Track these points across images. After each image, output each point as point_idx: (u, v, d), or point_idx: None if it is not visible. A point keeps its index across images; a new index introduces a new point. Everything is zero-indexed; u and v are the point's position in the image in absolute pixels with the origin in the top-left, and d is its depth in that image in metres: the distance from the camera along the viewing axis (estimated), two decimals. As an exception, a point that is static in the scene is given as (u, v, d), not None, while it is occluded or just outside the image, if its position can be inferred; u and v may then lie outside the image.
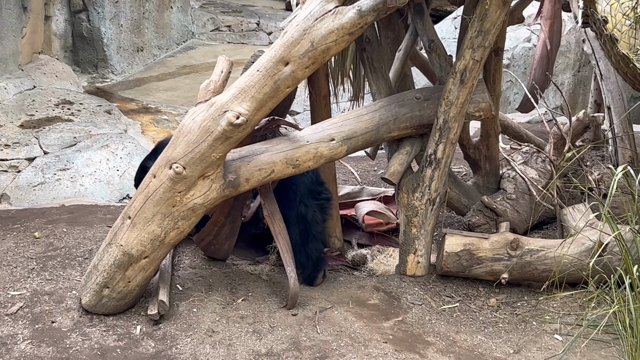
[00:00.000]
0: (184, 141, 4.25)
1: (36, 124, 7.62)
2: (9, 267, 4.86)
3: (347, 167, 7.05)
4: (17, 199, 6.66)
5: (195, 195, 4.30)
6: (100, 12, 10.11)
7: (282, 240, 4.77)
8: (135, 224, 4.33)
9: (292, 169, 4.55)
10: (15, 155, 7.03)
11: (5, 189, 6.71)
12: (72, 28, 10.16)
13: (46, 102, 8.19)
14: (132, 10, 10.66)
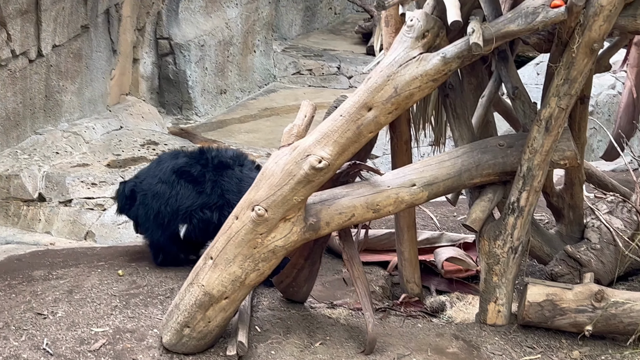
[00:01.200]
0: (266, 184, 4.31)
1: (122, 163, 7.82)
2: (93, 303, 4.97)
3: (426, 212, 7.00)
4: (101, 237, 6.82)
5: (276, 237, 4.34)
6: (186, 56, 10.36)
7: (360, 285, 4.76)
8: (217, 264, 4.39)
9: (373, 213, 4.56)
10: (102, 194, 7.21)
11: (91, 227, 6.88)
12: (159, 70, 10.44)
13: (132, 143, 8.41)
14: (217, 54, 10.90)
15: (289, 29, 13.62)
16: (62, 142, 7.92)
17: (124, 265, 5.59)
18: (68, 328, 4.66)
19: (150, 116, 9.62)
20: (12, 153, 7.44)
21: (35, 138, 7.83)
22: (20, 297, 5.02)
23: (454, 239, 6.13)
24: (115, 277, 5.37)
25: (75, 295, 5.06)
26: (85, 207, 7.03)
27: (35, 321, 4.72)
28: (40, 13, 7.65)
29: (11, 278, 5.34)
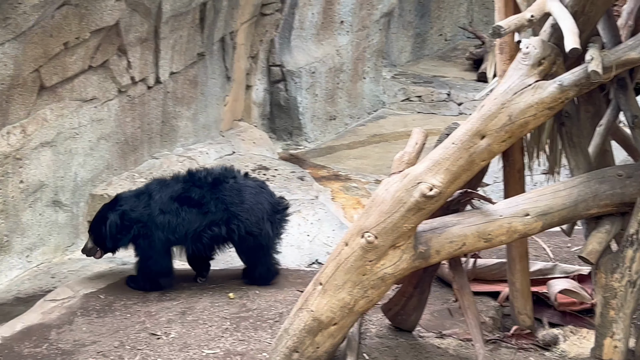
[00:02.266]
0: (376, 211, 4.31)
1: (233, 188, 7.95)
2: (204, 325, 5.06)
3: (539, 242, 6.84)
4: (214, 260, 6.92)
5: (385, 264, 4.33)
6: (297, 82, 10.49)
7: (471, 315, 4.69)
8: (326, 290, 4.40)
9: (484, 242, 4.48)
10: (213, 218, 7.34)
11: (204, 250, 6.99)
12: (271, 97, 10.60)
13: (244, 167, 8.52)
14: (327, 81, 10.99)
15: (399, 55, 13.62)
16: (177, 166, 8.12)
17: (235, 289, 5.68)
18: (180, 349, 4.76)
19: (262, 141, 9.77)
20: (129, 176, 7.68)
21: (152, 162, 8.06)
22: (135, 317, 5.17)
23: (568, 271, 5.97)
24: (226, 300, 5.47)
25: (187, 317, 5.17)
26: (198, 231, 7.17)
27: (149, 341, 4.84)
28: (159, 41, 7.90)
29: (127, 298, 5.50)
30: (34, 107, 6.60)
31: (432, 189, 4.18)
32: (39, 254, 6.76)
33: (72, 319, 5.19)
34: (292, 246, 7.14)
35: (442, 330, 5.20)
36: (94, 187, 7.43)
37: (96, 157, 7.42)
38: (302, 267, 6.72)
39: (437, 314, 5.47)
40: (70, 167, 7.07)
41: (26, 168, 6.54)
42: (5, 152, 6.31)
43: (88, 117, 7.23)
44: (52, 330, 5.04)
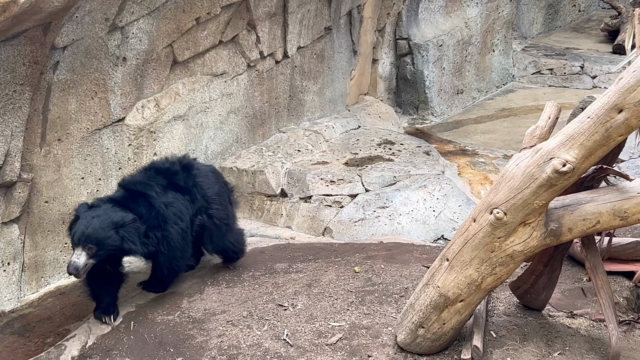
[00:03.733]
0: (506, 186, 4.21)
1: (359, 162, 7.96)
2: (330, 298, 5.10)
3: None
4: (338, 233, 6.98)
5: (514, 242, 4.23)
6: (424, 56, 10.37)
7: (604, 295, 4.53)
8: (453, 266, 4.35)
9: (620, 220, 4.31)
10: (340, 192, 7.38)
11: (329, 223, 7.06)
12: (397, 71, 10.53)
13: (369, 142, 8.54)
14: (455, 54, 10.83)
15: (530, 27, 13.26)
16: (304, 140, 8.19)
17: (360, 262, 5.69)
18: (307, 321, 4.82)
19: (387, 116, 9.72)
20: (257, 150, 7.80)
21: (279, 136, 8.16)
22: (263, 289, 5.26)
23: None
24: (351, 274, 5.49)
25: (313, 289, 5.22)
26: (324, 204, 7.22)
27: (276, 312, 4.92)
28: (287, 15, 7.96)
29: (255, 269, 5.60)
30: (167, 81, 6.79)
31: (565, 165, 4.05)
32: (171, 225, 6.97)
33: (203, 289, 5.33)
34: (418, 221, 7.10)
35: (573, 310, 5.06)
36: (224, 160, 7.60)
37: (226, 131, 7.57)
38: (428, 243, 6.67)
39: (568, 293, 5.32)
40: (201, 140, 7.24)
41: (159, 141, 6.74)
42: (140, 125, 6.52)
43: (218, 92, 7.38)
44: (184, 299, 5.19)
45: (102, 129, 6.23)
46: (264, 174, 7.47)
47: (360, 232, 6.97)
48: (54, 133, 5.85)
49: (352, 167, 7.84)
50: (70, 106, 5.92)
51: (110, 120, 6.28)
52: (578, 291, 5.27)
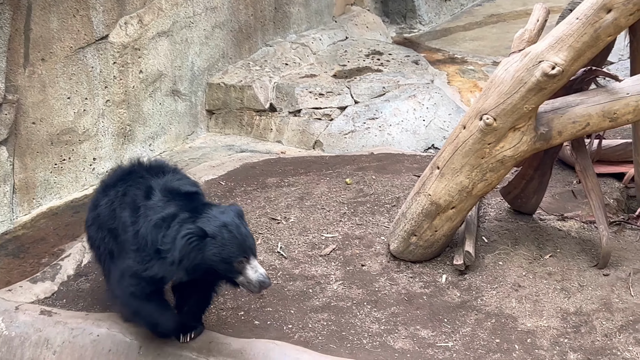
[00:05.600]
0: (495, 92, 4.19)
1: (348, 74, 7.89)
2: (322, 210, 5.13)
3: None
4: (329, 146, 6.96)
5: (504, 147, 4.24)
6: (410, -38, 10.19)
7: (594, 197, 4.57)
8: (444, 174, 4.36)
9: (609, 122, 4.31)
10: (329, 104, 7.34)
11: (319, 136, 7.04)
12: (385, -21, 10.35)
13: (357, 53, 8.44)
14: (443, -41, 10.63)
15: None
16: (291, 53, 8.09)
17: (351, 174, 5.70)
18: (300, 233, 4.85)
19: (375, 26, 9.58)
20: (244, 65, 7.71)
21: (266, 50, 8.06)
22: (256, 203, 5.28)
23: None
24: (342, 186, 5.50)
25: (306, 202, 5.24)
26: (313, 117, 7.18)
27: (270, 226, 4.95)
28: None
29: (247, 184, 5.61)
30: (149, -4, 6.67)
31: (554, 67, 4.02)
32: (161, 142, 6.95)
33: (195, 205, 5.33)
34: (408, 131, 7.08)
35: (564, 213, 5.10)
36: (211, 76, 7.51)
37: (211, 46, 7.47)
38: (418, 152, 6.67)
39: (559, 196, 5.36)
40: (187, 56, 7.15)
41: (145, 58, 6.65)
42: (124, 43, 6.43)
43: (202, 6, 7.25)
44: (177, 216, 5.20)
45: (85, 48, 6.14)
46: (252, 89, 7.41)
47: (350, 144, 6.96)
48: (37, 53, 5.77)
49: (341, 79, 7.77)
50: (52, 25, 5.82)
51: (94, 38, 6.18)
52: (568, 194, 5.30)
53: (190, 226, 3.61)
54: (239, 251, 3.62)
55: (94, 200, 4.19)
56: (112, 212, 3.96)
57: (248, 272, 3.63)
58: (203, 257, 3.59)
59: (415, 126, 7.15)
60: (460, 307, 4.15)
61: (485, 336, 3.96)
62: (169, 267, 3.62)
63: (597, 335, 3.92)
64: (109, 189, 4.06)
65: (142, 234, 3.72)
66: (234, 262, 3.62)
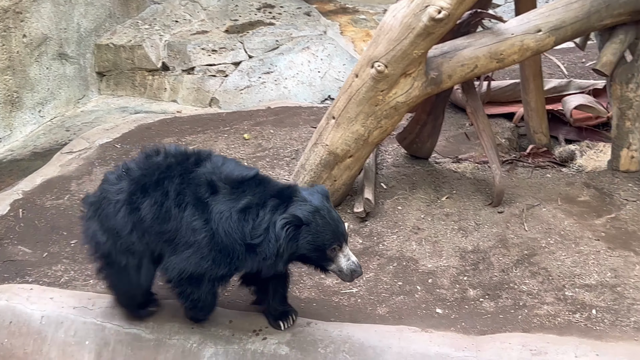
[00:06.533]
0: (385, 39, 4.21)
1: (240, 28, 7.82)
2: (221, 167, 5.09)
3: (553, 60, 6.75)
4: (225, 102, 6.92)
5: (397, 93, 4.28)
6: None
7: (486, 138, 4.68)
8: (340, 123, 4.39)
9: (497, 63, 4.41)
10: (222, 60, 7.27)
11: (215, 93, 6.98)
12: None
13: (248, 7, 8.37)
14: None
15: None
16: (180, 10, 7.96)
17: (249, 129, 5.68)
18: (200, 191, 4.81)
19: (265, -21, 9.52)
20: (133, 24, 7.55)
21: (154, 8, 7.90)
22: (153, 164, 5.19)
23: (583, 86, 5.91)
24: (241, 141, 5.47)
25: (204, 160, 5.19)
26: (208, 74, 7.11)
27: (169, 186, 4.88)
28: None
29: (143, 146, 5.51)
30: (26, -44, 6.44)
31: (440, 11, 4.06)
32: (51, 108, 6.76)
33: (91, 170, 5.23)
34: (304, 84, 7.09)
35: (459, 155, 5.21)
36: (98, 37, 7.33)
37: (97, 6, 7.27)
38: (315, 104, 6.69)
39: (453, 139, 5.47)
40: (72, 17, 6.94)
41: (27, 22, 6.43)
42: (4, 7, 6.19)
43: (84, -36, 7.06)
44: (72, 182, 5.09)
45: (-37, 14, 5.91)
46: (143, 49, 7.27)
47: (247, 100, 6.93)
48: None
49: (233, 34, 7.70)
50: None
51: (-29, 2, 5.95)
52: (462, 136, 5.42)
53: (284, 215, 3.31)
54: (332, 238, 3.37)
55: (122, 201, 3.53)
56: (165, 213, 3.46)
57: (340, 260, 3.40)
58: (297, 245, 3.34)
59: (310, 78, 7.16)
60: (362, 254, 4.21)
61: (389, 280, 4.03)
62: (265, 261, 3.34)
63: (494, 271, 4.05)
64: (150, 189, 3.50)
65: (223, 231, 3.36)
66: (327, 249, 3.38)
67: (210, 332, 3.54)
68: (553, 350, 3.30)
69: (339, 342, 3.41)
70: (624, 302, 3.67)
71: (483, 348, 3.39)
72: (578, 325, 3.52)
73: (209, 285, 3.46)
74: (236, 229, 3.35)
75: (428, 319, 3.70)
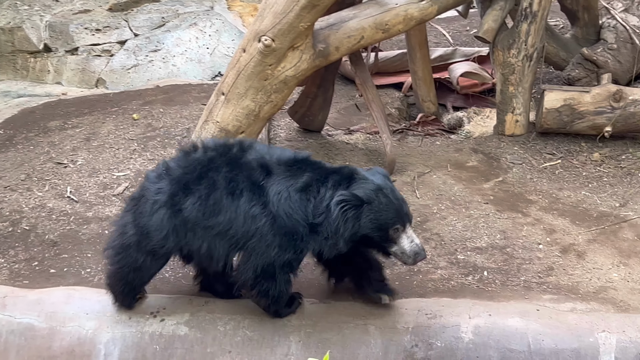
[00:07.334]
0: (270, 12, 4.19)
1: (124, 6, 7.63)
2: (111, 149, 4.99)
3: (438, 29, 6.86)
4: (112, 83, 6.77)
5: (286, 67, 4.27)
6: None
7: (376, 108, 4.72)
8: (230, 99, 4.35)
9: (382, 33, 4.45)
10: (107, 39, 7.09)
11: (101, 74, 6.82)
12: None
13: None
14: None
15: None
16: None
17: (138, 109, 5.58)
18: (90, 175, 4.70)
19: (148, -45, 9.31)
20: (11, 5, 7.27)
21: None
22: (39, 149, 5.04)
23: (468, 54, 6.04)
24: (130, 122, 5.37)
25: (93, 143, 5.08)
26: (93, 54, 6.93)
27: (57, 171, 4.76)
28: None
29: (27, 130, 5.35)
30: None
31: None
32: None
33: (-27, 159, 5.04)
34: (193, 61, 7.00)
35: (350, 127, 5.25)
36: (-25, 20, 7.05)
37: (-29, -11, 6.99)
38: (205, 81, 6.62)
39: (344, 111, 5.51)
40: (-56, 1, 6.65)
41: None
42: None
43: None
44: (-46, 172, 4.90)
45: None
46: (23, 30, 7.02)
47: (135, 79, 6.79)
48: None
49: (117, 12, 7.51)
50: None
51: None
52: (353, 108, 5.46)
53: (343, 192, 3.15)
54: (396, 217, 3.20)
55: (161, 203, 3.30)
56: (214, 205, 3.24)
57: (403, 241, 3.23)
58: (360, 225, 3.16)
59: (199, 55, 7.07)
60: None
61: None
62: (327, 241, 3.16)
63: (389, 239, 4.10)
64: (192, 185, 3.28)
65: (284, 213, 3.18)
66: (389, 229, 3.20)
67: (107, 317, 3.46)
68: (448, 313, 3.37)
69: (238, 318, 3.40)
70: (514, 262, 3.78)
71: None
72: (471, 287, 3.61)
73: (281, 274, 3.27)
74: (297, 209, 3.19)
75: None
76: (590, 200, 4.35)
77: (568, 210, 4.23)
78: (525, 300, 3.47)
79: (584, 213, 4.21)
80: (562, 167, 4.69)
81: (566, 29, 6.25)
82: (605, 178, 4.56)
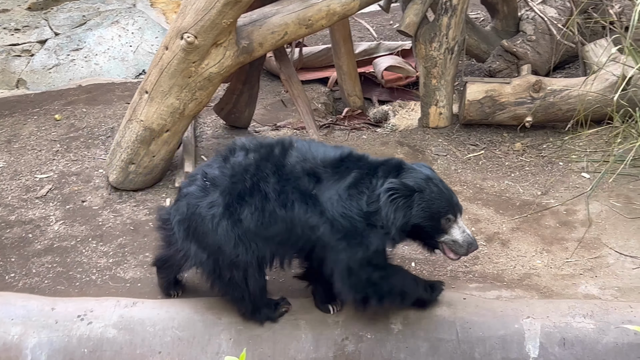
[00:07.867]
0: (192, 9, 4.16)
1: (43, 5, 7.48)
2: (33, 151, 4.89)
3: (362, 24, 6.91)
4: (33, 83, 6.63)
5: (209, 64, 4.25)
6: None
7: (301, 104, 4.74)
8: (153, 98, 4.30)
9: (306, 29, 4.45)
10: (27, 39, 6.95)
11: (21, 74, 6.67)
12: None
13: (51, -19, 8.03)
14: None
15: None
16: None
17: (60, 110, 5.48)
18: (12, 178, 4.60)
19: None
20: None
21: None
22: (-43, 153, 4.93)
23: (392, 48, 6.10)
24: (52, 123, 5.27)
25: (14, 145, 4.97)
26: (12, 55, 6.78)
27: (-23, 175, 4.65)
28: None
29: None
30: None
31: (245, -21, 4.05)
32: None
33: None
34: (116, 59, 6.91)
35: (277, 123, 5.26)
36: None
37: None
38: (129, 79, 6.53)
39: (270, 107, 5.50)
40: None
41: None
42: None
43: None
44: None
45: None
46: (-62, 32, 6.83)
47: (57, 79, 6.67)
48: None
49: (37, 11, 7.36)
50: None
51: None
52: (279, 104, 5.47)
53: (392, 180, 3.12)
54: (448, 207, 3.17)
55: (219, 215, 3.23)
56: (270, 217, 3.20)
57: (455, 231, 3.19)
58: (411, 213, 3.12)
59: (122, 53, 6.98)
60: (186, 228, 4.17)
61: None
62: (384, 233, 3.12)
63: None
64: (246, 196, 3.22)
65: (340, 215, 3.14)
66: (442, 218, 3.16)
67: (32, 321, 3.40)
68: (377, 305, 3.41)
69: (166, 320, 3.37)
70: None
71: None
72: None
73: (366, 272, 3.19)
74: (350, 206, 3.15)
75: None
76: (513, 189, 4.44)
77: (492, 200, 4.31)
78: (452, 289, 3.53)
79: (507, 202, 4.30)
80: (486, 157, 4.77)
81: (486, 21, 6.37)
82: (527, 167, 4.66)
